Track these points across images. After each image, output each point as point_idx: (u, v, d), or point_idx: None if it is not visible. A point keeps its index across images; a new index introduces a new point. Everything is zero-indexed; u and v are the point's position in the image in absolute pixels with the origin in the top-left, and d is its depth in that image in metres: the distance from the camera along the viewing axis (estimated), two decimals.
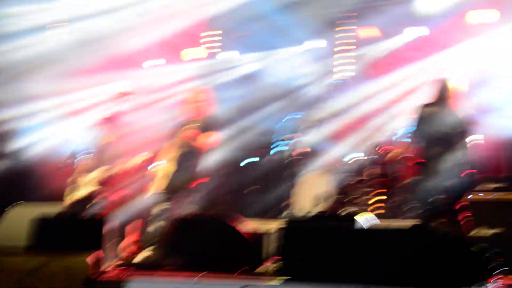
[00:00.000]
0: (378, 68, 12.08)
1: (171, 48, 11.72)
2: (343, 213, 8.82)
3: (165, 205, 7.39)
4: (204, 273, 5.16)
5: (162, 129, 9.75)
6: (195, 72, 12.20)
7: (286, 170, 9.43)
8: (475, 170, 6.78)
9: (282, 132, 10.60)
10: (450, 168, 6.65)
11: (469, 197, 7.86)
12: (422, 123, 6.93)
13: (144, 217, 7.98)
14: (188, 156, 7.44)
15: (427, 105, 6.99)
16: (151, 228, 7.41)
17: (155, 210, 7.51)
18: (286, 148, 9.77)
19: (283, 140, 10.18)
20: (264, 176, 11.19)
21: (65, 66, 10.80)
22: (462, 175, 6.67)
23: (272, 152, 10.95)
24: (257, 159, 11.81)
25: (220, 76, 12.54)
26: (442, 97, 6.92)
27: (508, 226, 7.44)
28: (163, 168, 7.48)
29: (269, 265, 5.73)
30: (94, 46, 10.58)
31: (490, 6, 10.05)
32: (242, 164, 11.83)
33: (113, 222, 5.88)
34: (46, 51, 10.75)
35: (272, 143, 10.92)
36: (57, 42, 10.87)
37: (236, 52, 12.52)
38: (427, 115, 6.90)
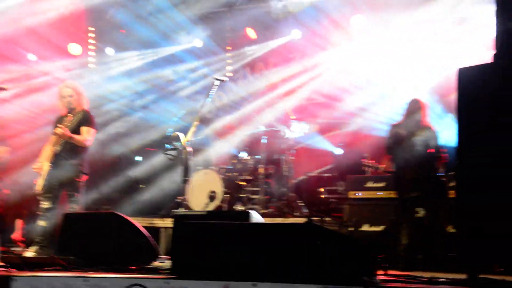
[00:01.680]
0: (258, 67, 12.33)
1: (46, 43, 11.33)
2: (233, 211, 8.92)
3: (47, 204, 7.15)
4: (93, 270, 5.06)
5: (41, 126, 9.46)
6: (72, 67, 11.92)
7: (177, 168, 9.41)
8: None
9: (172, 130, 10.56)
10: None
11: (356, 195, 8.22)
12: (392, 142, 7.47)
13: (29, 215, 7.69)
14: (63, 153, 7.20)
15: (395, 125, 7.55)
16: (37, 225, 7.17)
17: (38, 208, 7.26)
18: (176, 146, 9.74)
19: (173, 138, 10.15)
20: (154, 174, 11.12)
21: None
22: None
23: (163, 149, 10.88)
24: (141, 157, 11.70)
25: (98, 72, 12.33)
26: (412, 115, 7.38)
27: (388, 223, 7.82)
28: (41, 166, 7.21)
29: (161, 262, 5.71)
30: None
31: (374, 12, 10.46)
32: (130, 161, 11.70)
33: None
34: None
35: (163, 141, 10.86)
36: None
37: (111, 50, 12.34)
38: (396, 134, 7.44)
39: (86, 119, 7.29)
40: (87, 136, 7.26)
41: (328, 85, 11.01)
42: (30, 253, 6.88)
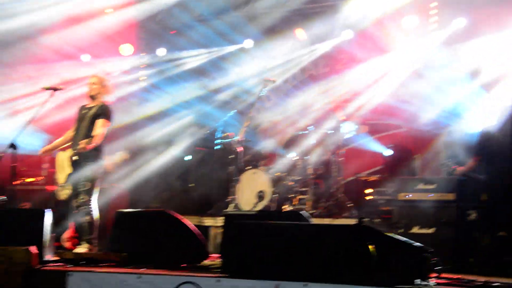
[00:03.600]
0: (308, 68, 12.26)
1: (103, 44, 11.52)
2: (283, 211, 8.92)
3: (82, 199, 7.15)
4: (146, 267, 5.13)
5: None
6: (126, 67, 12.09)
7: (228, 167, 9.46)
8: None
9: (222, 130, 10.62)
10: None
11: (406, 197, 8.10)
12: (483, 144, 7.38)
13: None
14: (81, 156, 7.12)
15: (487, 132, 7.42)
16: (81, 221, 7.18)
17: (75, 204, 7.26)
18: (226, 145, 9.80)
19: (223, 137, 10.21)
20: (204, 173, 11.18)
21: None
22: None
23: (213, 148, 10.94)
24: (190, 156, 11.74)
25: (154, 72, 12.46)
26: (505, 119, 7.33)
27: (440, 226, 7.69)
28: (65, 159, 7.24)
29: (211, 261, 5.75)
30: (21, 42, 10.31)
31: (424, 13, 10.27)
32: (181, 161, 11.76)
33: (54, 214, 5.76)
34: None
35: (213, 141, 10.91)
36: None
37: (163, 50, 12.42)
38: (488, 138, 7.33)
39: (102, 112, 7.21)
40: (100, 129, 7.13)
41: (381, 87, 10.87)
42: (82, 249, 6.97)
